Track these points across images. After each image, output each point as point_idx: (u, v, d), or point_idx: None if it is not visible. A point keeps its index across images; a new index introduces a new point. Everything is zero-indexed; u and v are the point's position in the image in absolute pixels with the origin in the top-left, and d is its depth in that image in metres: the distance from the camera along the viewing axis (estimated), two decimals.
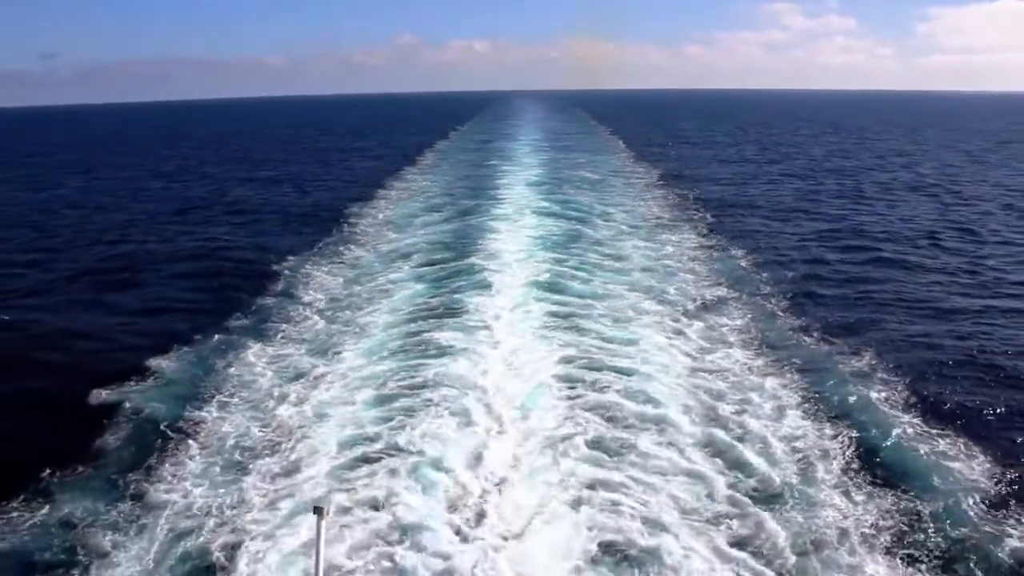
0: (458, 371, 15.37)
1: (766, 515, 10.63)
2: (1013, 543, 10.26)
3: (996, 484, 11.66)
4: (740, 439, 12.71)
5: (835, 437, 12.94)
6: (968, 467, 12.14)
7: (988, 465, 12.19)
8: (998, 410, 14.73)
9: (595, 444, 12.44)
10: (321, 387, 15.16)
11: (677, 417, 13.49)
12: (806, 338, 18.14)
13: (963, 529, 10.59)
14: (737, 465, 11.96)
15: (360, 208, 37.70)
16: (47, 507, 11.12)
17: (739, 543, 10.06)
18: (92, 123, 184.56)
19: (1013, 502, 11.18)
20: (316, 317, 20.21)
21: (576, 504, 10.71)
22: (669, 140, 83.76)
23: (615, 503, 10.76)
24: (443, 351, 16.63)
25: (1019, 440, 13.46)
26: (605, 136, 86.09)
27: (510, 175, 47.32)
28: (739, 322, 19.01)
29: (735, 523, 10.47)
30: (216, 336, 18.57)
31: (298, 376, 15.80)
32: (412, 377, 15.24)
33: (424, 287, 22.40)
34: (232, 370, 16.33)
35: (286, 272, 24.98)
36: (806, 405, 14.13)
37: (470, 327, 18.15)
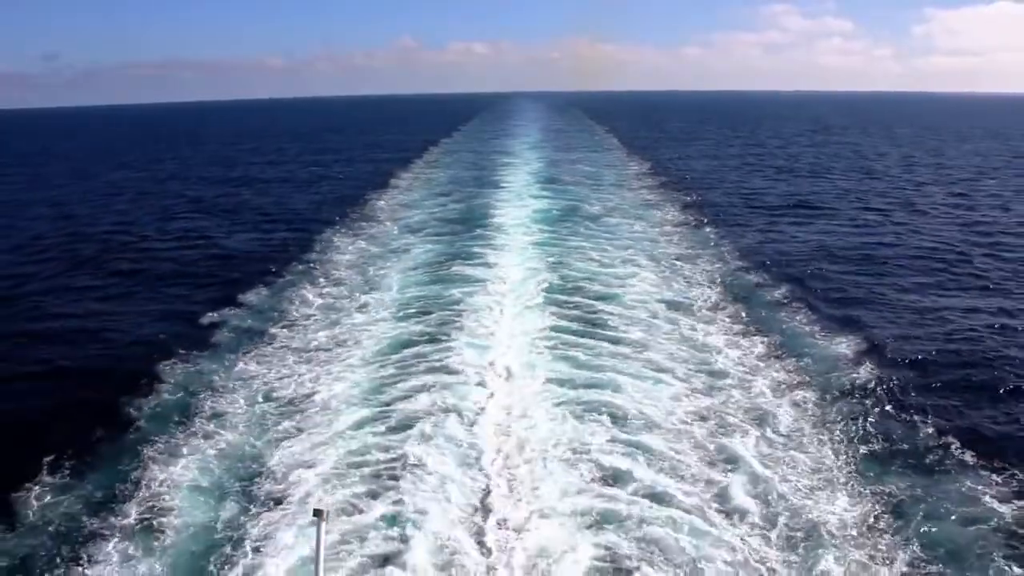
0: (475, 302, 19.52)
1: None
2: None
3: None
4: (704, 353, 16.35)
5: (774, 356, 16.84)
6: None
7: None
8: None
9: (577, 361, 15.54)
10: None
11: (652, 334, 17.44)
12: (749, 276, 23.11)
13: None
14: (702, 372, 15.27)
15: (378, 193, 42.30)
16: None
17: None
18: (110, 124, 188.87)
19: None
20: (344, 274, 24.15)
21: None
22: (662, 138, 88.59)
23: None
24: (460, 283, 21.35)
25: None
26: (601, 134, 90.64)
27: (512, 166, 51.89)
28: (707, 269, 23.71)
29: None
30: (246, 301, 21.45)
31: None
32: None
33: (439, 247, 26.95)
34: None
35: (320, 242, 29.44)
36: (749, 330, 18.15)
37: (480, 267, 23.13)
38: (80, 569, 9.74)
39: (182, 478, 11.63)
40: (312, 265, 25.35)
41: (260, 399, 14.50)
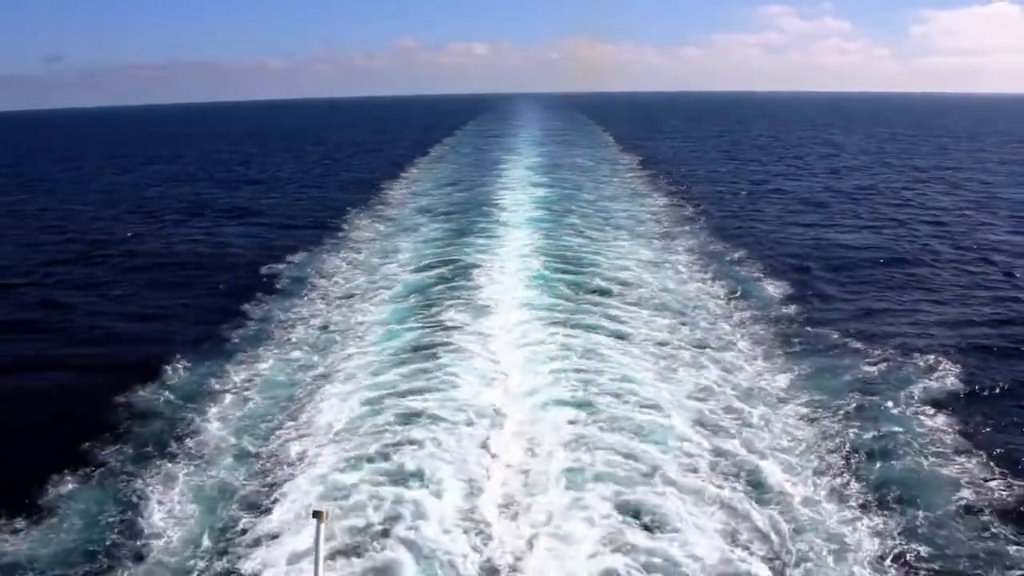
0: (479, 268, 22.52)
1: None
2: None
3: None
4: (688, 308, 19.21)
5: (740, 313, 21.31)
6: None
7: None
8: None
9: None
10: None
11: (635, 283, 21.03)
12: (716, 243, 27.40)
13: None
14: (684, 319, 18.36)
15: (390, 183, 46.48)
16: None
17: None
18: (117, 124, 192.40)
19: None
20: (366, 246, 27.87)
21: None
22: (656, 136, 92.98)
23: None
24: (467, 251, 24.91)
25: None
26: (598, 133, 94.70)
27: (514, 161, 55.48)
28: (690, 243, 27.61)
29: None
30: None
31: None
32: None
33: (448, 224, 30.68)
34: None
35: (344, 222, 33.54)
36: (714, 279, 22.26)
37: (485, 239, 27.02)
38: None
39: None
40: (337, 240, 29.38)
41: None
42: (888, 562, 9.26)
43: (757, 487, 10.70)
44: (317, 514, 6.37)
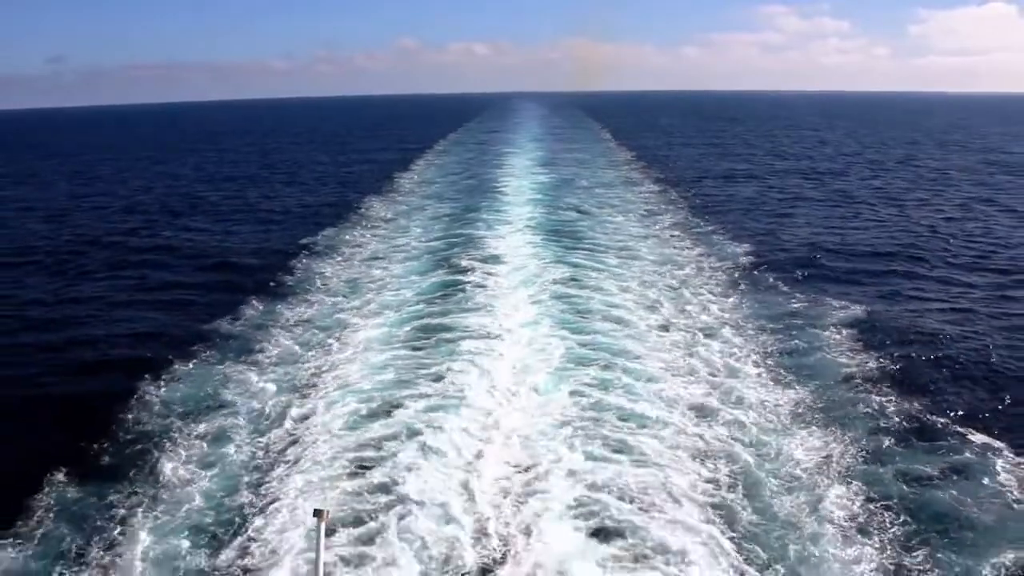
0: (483, 241, 25.73)
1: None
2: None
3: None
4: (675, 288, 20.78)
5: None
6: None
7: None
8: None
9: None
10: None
11: (626, 251, 24.55)
12: (693, 218, 31.28)
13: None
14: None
15: (401, 172, 49.99)
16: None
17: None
18: (123, 123, 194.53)
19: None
20: (383, 225, 31.32)
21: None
22: (652, 132, 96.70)
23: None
24: (473, 227, 28.26)
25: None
26: (596, 129, 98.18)
27: (514, 155, 58.84)
28: (673, 218, 31.39)
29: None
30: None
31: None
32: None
33: (455, 205, 34.38)
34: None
35: (362, 204, 37.11)
36: (686, 245, 26.17)
37: (490, 214, 30.82)
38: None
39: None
40: (359, 217, 33.14)
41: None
42: (800, 409, 13.36)
43: (711, 372, 14.89)
44: (318, 513, 6.33)
